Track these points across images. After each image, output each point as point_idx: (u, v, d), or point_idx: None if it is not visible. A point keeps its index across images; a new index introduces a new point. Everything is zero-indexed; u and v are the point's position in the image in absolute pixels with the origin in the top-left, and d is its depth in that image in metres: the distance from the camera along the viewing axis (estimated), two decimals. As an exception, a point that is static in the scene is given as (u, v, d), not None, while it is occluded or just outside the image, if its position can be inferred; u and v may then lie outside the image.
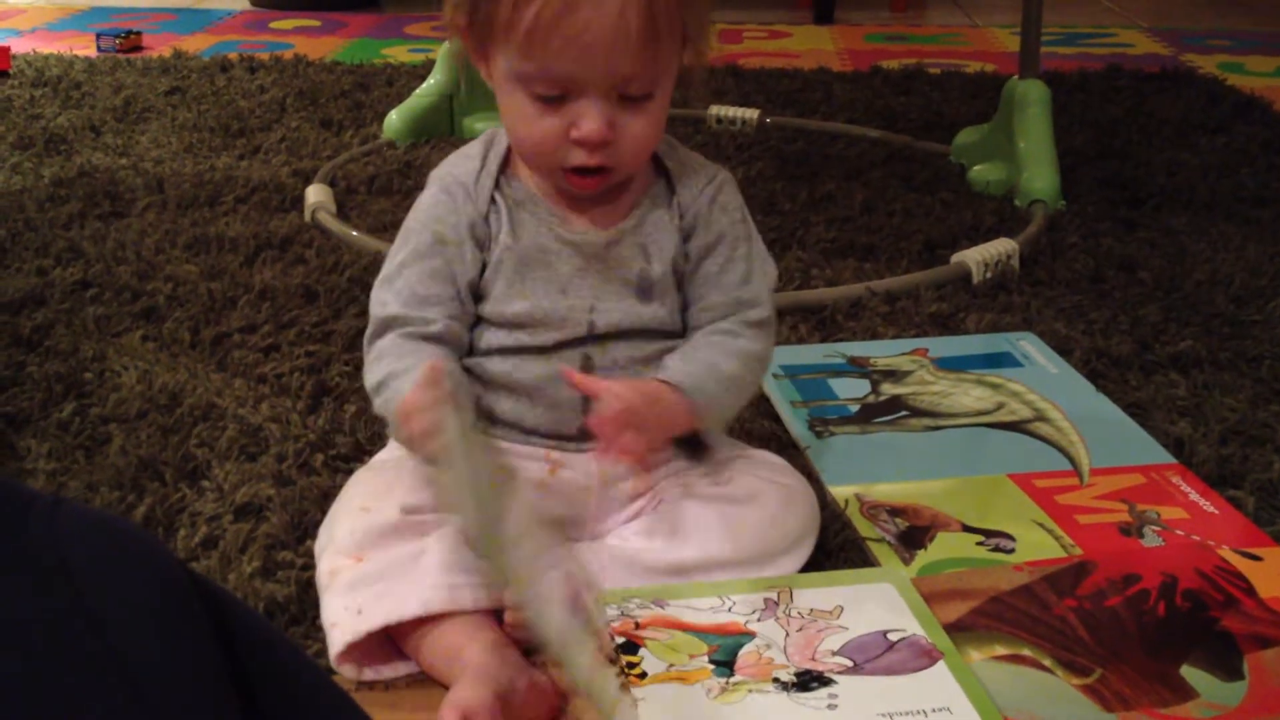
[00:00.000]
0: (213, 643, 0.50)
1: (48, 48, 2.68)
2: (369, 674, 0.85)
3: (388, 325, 0.92)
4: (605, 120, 0.86)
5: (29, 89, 2.32)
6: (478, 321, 0.94)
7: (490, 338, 0.93)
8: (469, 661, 0.80)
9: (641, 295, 0.94)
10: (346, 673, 0.84)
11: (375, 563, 0.85)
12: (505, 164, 0.95)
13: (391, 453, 0.99)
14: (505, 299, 0.93)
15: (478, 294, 0.94)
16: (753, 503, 0.93)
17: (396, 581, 0.84)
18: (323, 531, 0.92)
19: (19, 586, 0.44)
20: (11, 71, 2.42)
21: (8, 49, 2.45)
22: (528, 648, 0.85)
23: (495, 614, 0.85)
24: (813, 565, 0.96)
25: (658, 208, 0.95)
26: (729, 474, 0.96)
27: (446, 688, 0.81)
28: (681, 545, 0.91)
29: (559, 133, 0.87)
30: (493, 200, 0.94)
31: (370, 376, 0.92)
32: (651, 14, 0.84)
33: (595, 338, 0.93)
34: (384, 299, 0.93)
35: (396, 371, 0.89)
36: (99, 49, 2.70)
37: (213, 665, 0.50)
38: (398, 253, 0.94)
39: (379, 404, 0.91)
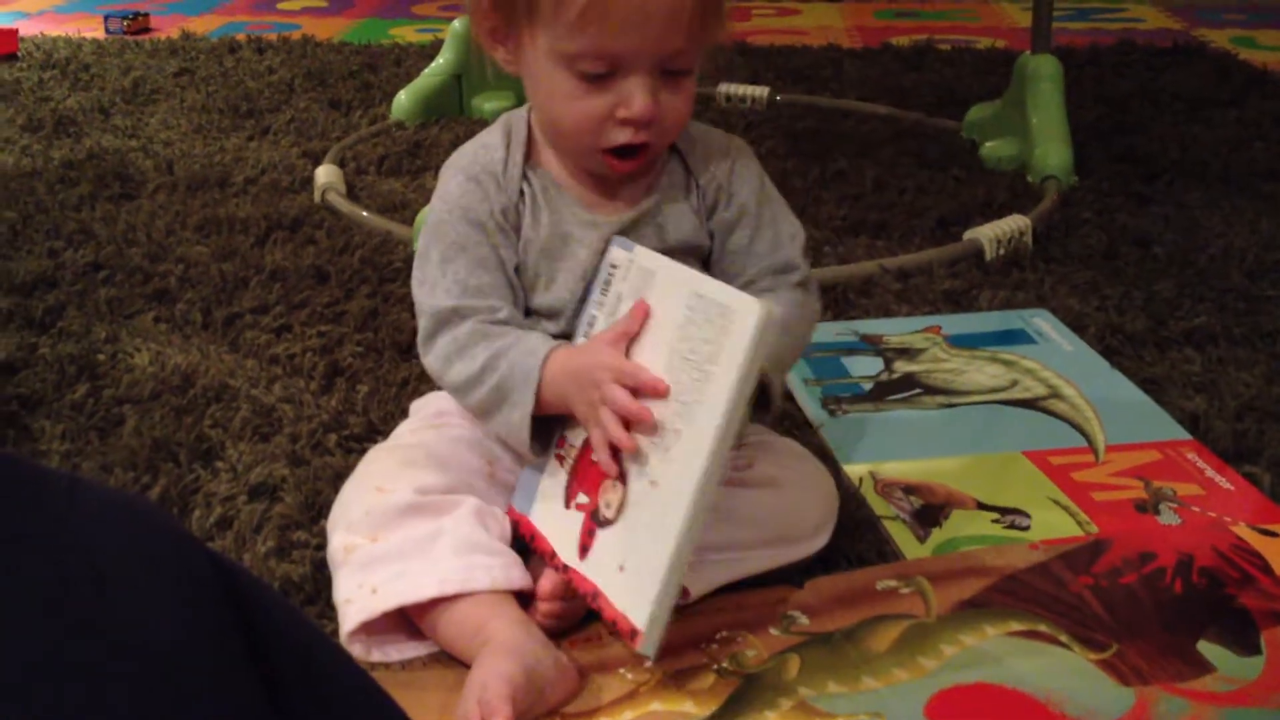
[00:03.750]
0: (233, 621, 0.49)
1: (56, 30, 2.67)
2: (377, 654, 0.84)
3: (449, 319, 0.89)
4: (654, 96, 0.85)
5: (38, 71, 2.31)
6: None
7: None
8: (493, 636, 0.80)
9: None
10: (356, 652, 0.84)
11: (391, 542, 0.85)
12: (528, 151, 0.93)
13: (409, 429, 0.98)
14: (533, 291, 0.92)
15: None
16: (771, 488, 0.93)
17: (412, 561, 0.84)
18: (336, 508, 0.91)
19: (37, 564, 0.44)
20: (20, 54, 2.42)
21: (15, 31, 2.45)
22: (552, 631, 0.85)
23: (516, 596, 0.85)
24: (828, 544, 0.95)
25: (675, 188, 0.94)
26: (748, 459, 0.95)
27: (466, 665, 0.81)
28: None
29: (603, 112, 0.86)
30: (520, 189, 0.92)
31: (456, 372, 0.88)
32: None
33: None
34: (431, 294, 0.90)
35: (503, 349, 0.87)
36: (107, 31, 2.70)
37: (232, 644, 0.50)
38: (431, 249, 0.91)
39: (483, 394, 0.87)
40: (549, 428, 0.89)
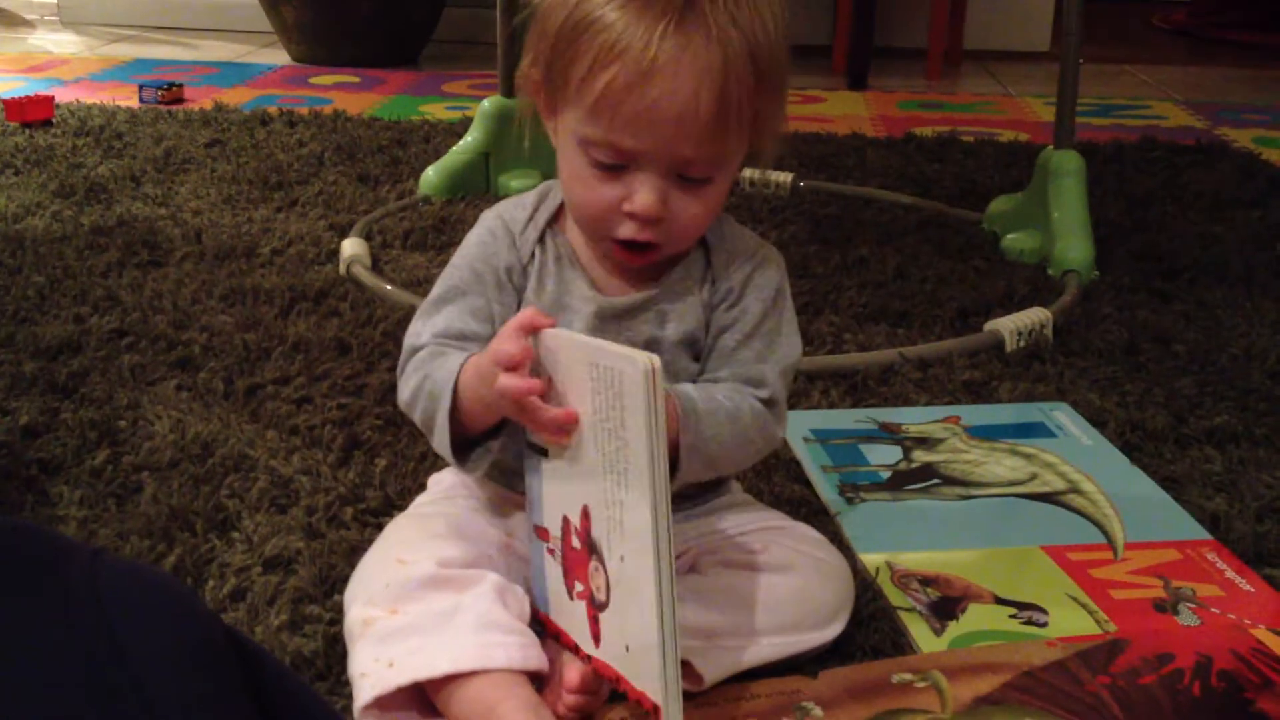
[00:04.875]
0: (247, 698, 0.49)
1: (91, 98, 2.72)
2: None
3: (420, 350, 0.91)
4: (659, 197, 0.86)
5: (72, 138, 2.35)
6: None
7: None
8: (505, 718, 0.80)
9: None
10: (368, 727, 0.83)
11: (409, 616, 0.84)
12: (555, 217, 0.95)
13: (429, 500, 0.98)
14: None
15: None
16: (786, 573, 0.92)
17: (429, 637, 0.83)
18: (355, 579, 0.91)
19: (58, 638, 0.44)
20: (55, 120, 2.46)
21: (51, 98, 2.49)
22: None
23: (530, 677, 0.84)
24: (843, 634, 0.95)
25: (688, 279, 0.94)
26: (763, 543, 0.95)
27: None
28: (710, 611, 0.90)
29: (613, 202, 0.87)
30: (533, 251, 0.94)
31: (410, 388, 0.90)
32: (724, 101, 0.84)
33: None
34: (419, 330, 0.93)
35: (443, 361, 0.88)
36: (141, 100, 2.74)
37: (244, 709, 0.50)
38: (438, 287, 0.94)
39: (424, 403, 0.89)
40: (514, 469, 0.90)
